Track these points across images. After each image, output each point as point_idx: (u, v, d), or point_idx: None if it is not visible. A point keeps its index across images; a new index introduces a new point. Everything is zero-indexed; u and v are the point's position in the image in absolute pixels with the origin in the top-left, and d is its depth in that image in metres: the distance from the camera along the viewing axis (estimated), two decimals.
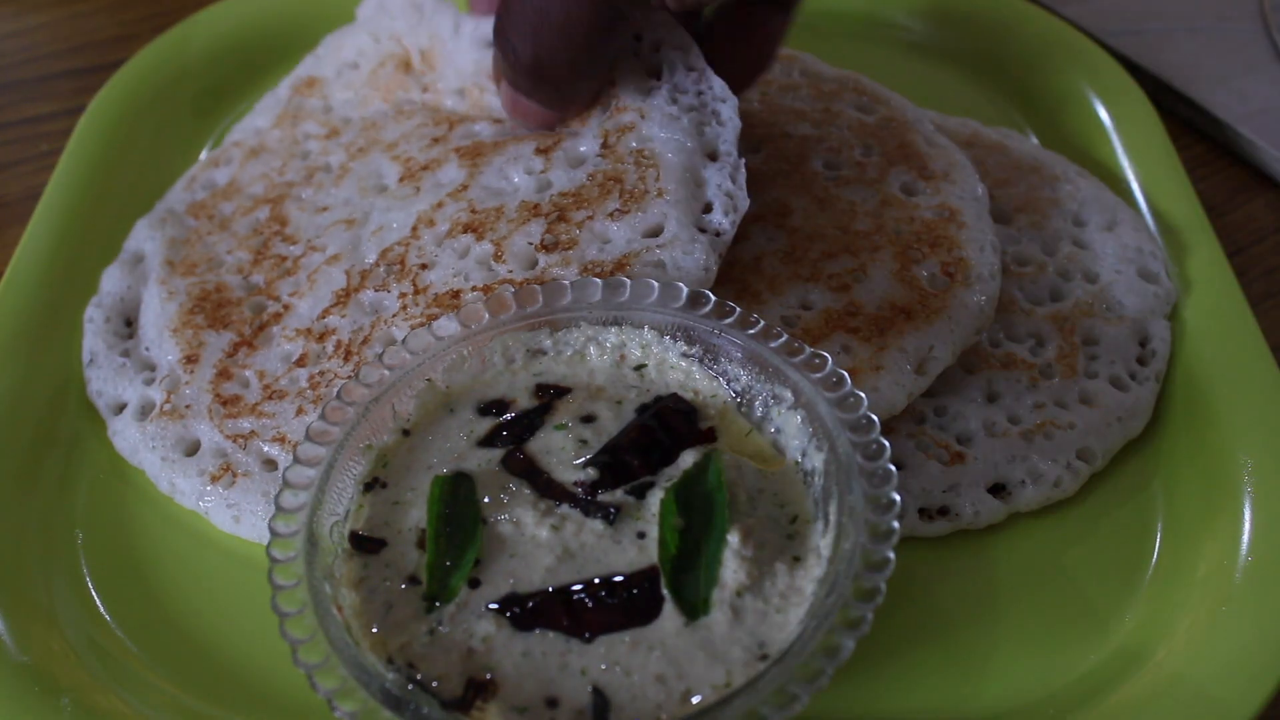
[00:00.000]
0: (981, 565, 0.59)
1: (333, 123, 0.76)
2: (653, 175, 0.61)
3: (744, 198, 0.61)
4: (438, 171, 0.68)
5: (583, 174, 0.63)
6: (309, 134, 0.76)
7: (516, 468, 0.52)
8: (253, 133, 0.78)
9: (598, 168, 0.63)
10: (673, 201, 0.60)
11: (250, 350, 0.64)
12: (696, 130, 0.63)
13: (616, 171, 0.62)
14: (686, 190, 0.61)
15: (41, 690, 0.53)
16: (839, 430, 0.50)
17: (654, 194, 0.61)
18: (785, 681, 0.44)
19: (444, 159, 0.68)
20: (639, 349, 0.56)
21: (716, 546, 0.48)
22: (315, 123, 0.76)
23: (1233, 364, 0.64)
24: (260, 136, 0.77)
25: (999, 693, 0.54)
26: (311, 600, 0.47)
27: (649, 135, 0.63)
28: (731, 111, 0.63)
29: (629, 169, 0.62)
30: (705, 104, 0.64)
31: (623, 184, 0.62)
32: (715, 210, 0.61)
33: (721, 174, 0.62)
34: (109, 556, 0.60)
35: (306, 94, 0.79)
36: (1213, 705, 0.52)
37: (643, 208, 0.60)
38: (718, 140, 0.63)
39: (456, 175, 0.67)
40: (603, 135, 0.64)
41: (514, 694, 0.46)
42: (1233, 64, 0.91)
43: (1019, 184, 0.74)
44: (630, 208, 0.60)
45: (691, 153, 0.62)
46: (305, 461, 0.52)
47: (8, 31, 1.00)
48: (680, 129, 0.62)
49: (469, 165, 0.67)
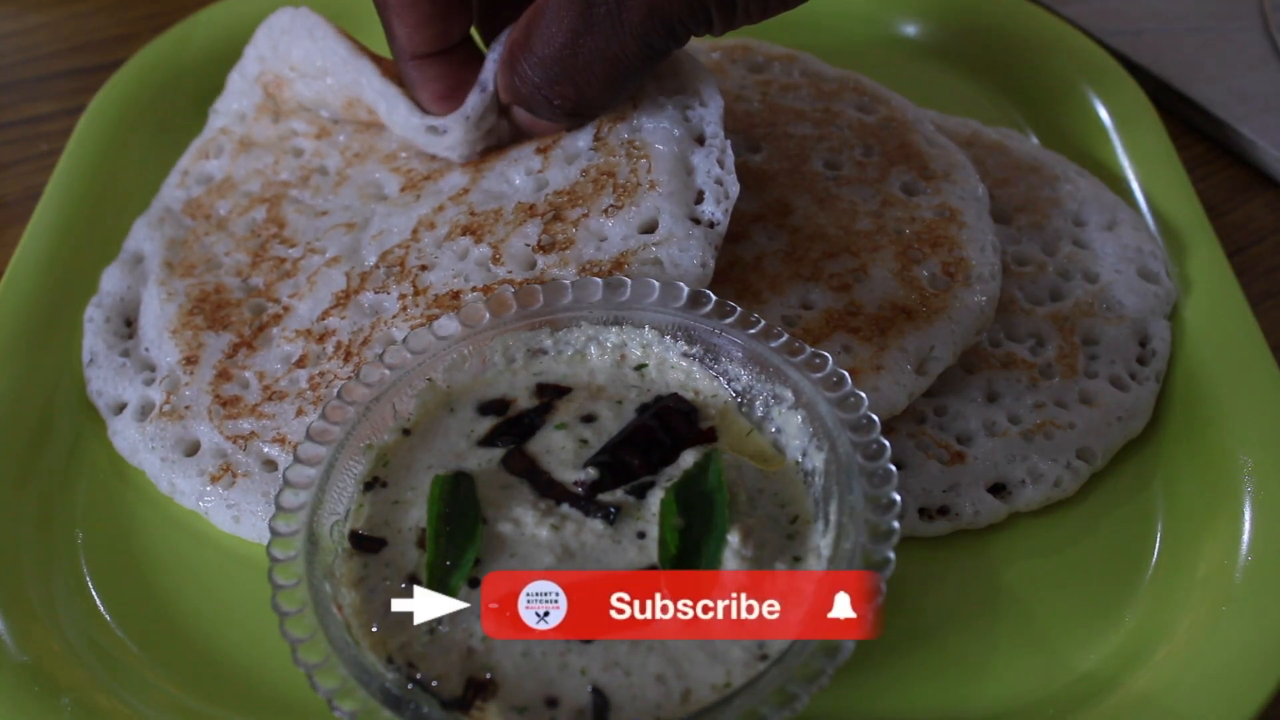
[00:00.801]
0: (981, 565, 0.59)
1: (320, 121, 0.75)
2: (644, 166, 0.61)
3: (733, 183, 0.60)
4: (440, 180, 0.68)
5: (576, 170, 0.63)
6: (296, 131, 0.75)
7: (517, 467, 0.52)
8: (236, 118, 0.77)
9: (591, 162, 0.63)
10: (665, 194, 0.60)
11: (250, 351, 0.64)
12: (681, 115, 0.63)
13: (609, 165, 0.62)
14: (678, 181, 0.61)
15: (41, 690, 0.53)
16: (839, 430, 0.50)
17: (646, 186, 0.60)
18: (785, 681, 0.44)
19: (447, 169, 0.68)
20: (639, 349, 0.57)
21: (716, 546, 0.48)
22: (301, 121, 0.76)
23: (1233, 364, 0.64)
24: (246, 126, 0.76)
25: (999, 693, 0.54)
26: (311, 599, 0.47)
27: (638, 125, 0.63)
28: (712, 90, 0.63)
29: (621, 161, 0.62)
30: (685, 85, 0.64)
31: (615, 178, 0.62)
32: (707, 199, 0.60)
33: (709, 159, 0.62)
34: (109, 556, 0.60)
35: (275, 89, 0.77)
36: (1213, 705, 0.52)
37: (635, 201, 0.60)
38: (703, 123, 0.63)
39: (459, 180, 0.67)
40: (596, 125, 0.64)
41: (514, 693, 0.46)
42: (1233, 64, 0.91)
43: (1019, 184, 0.74)
44: (624, 202, 0.60)
45: (679, 140, 0.62)
46: (305, 461, 0.52)
47: (8, 31, 1.00)
48: (667, 116, 0.62)
49: (472, 170, 0.67)
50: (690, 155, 0.62)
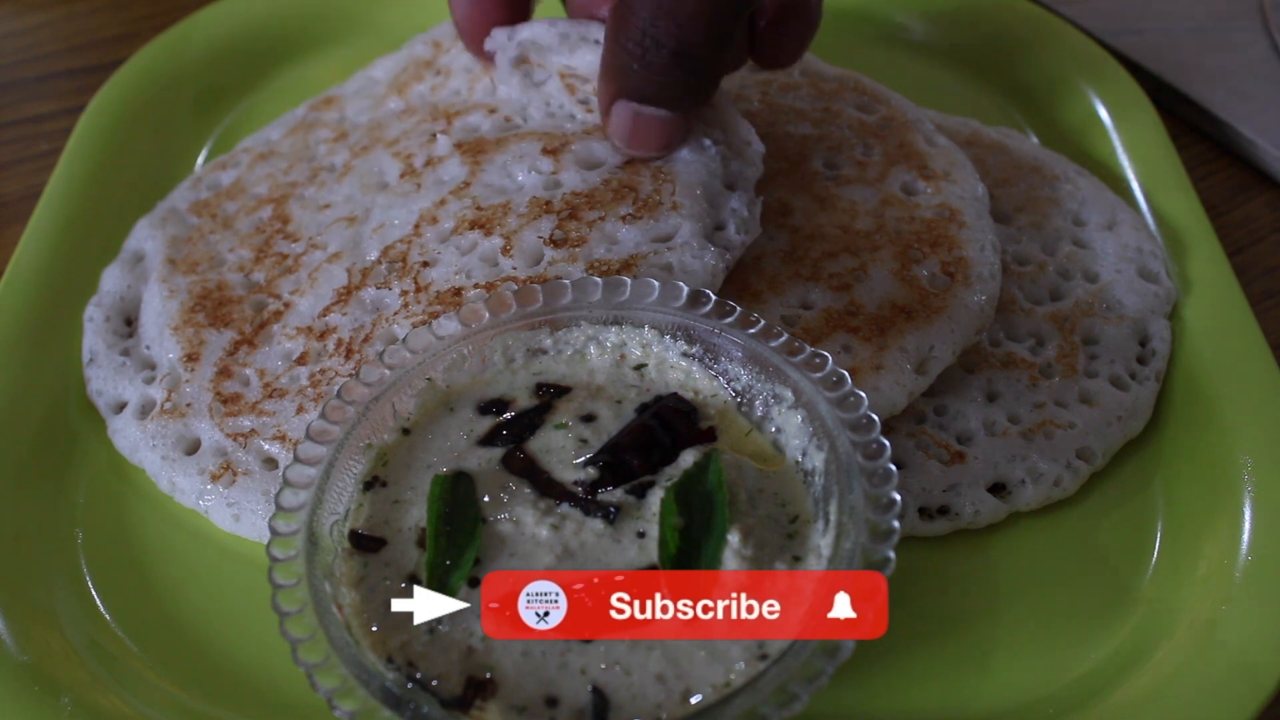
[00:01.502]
0: (981, 565, 0.59)
1: (344, 128, 0.76)
2: (669, 190, 0.61)
3: (757, 226, 0.61)
4: (439, 168, 0.68)
5: (598, 177, 0.63)
6: (320, 140, 0.77)
7: (516, 467, 0.52)
8: (263, 141, 0.79)
9: (613, 175, 0.63)
10: (687, 215, 0.60)
11: (251, 348, 0.64)
12: (722, 162, 0.63)
13: (632, 181, 0.62)
14: (701, 207, 0.61)
15: (41, 690, 0.53)
16: (839, 429, 0.50)
17: (668, 206, 0.61)
18: (785, 681, 0.44)
19: (445, 155, 0.68)
20: (639, 348, 0.57)
21: (716, 546, 0.48)
22: (327, 129, 0.77)
23: (1233, 364, 0.64)
24: (271, 145, 0.78)
25: (999, 693, 0.54)
26: (311, 599, 0.47)
27: (674, 155, 0.63)
28: (757, 155, 0.64)
29: (645, 181, 0.62)
30: (733, 143, 0.64)
31: (637, 192, 0.62)
32: (728, 229, 0.61)
33: (739, 201, 0.62)
34: (109, 555, 0.60)
35: (323, 109, 0.79)
36: (1213, 705, 0.52)
37: (656, 216, 0.60)
38: (739, 176, 0.64)
39: (458, 172, 0.66)
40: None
41: (513, 693, 0.46)
42: (1233, 64, 0.91)
43: (1019, 184, 0.74)
44: (643, 215, 0.60)
45: (712, 175, 0.62)
46: (305, 460, 0.52)
47: (8, 30, 1.00)
48: (707, 156, 0.63)
49: (470, 162, 0.67)
50: (719, 193, 0.62)
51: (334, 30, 0.92)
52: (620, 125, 0.62)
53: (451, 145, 0.69)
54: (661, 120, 0.61)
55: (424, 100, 0.75)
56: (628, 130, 0.61)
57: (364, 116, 0.77)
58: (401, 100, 0.76)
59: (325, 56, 0.91)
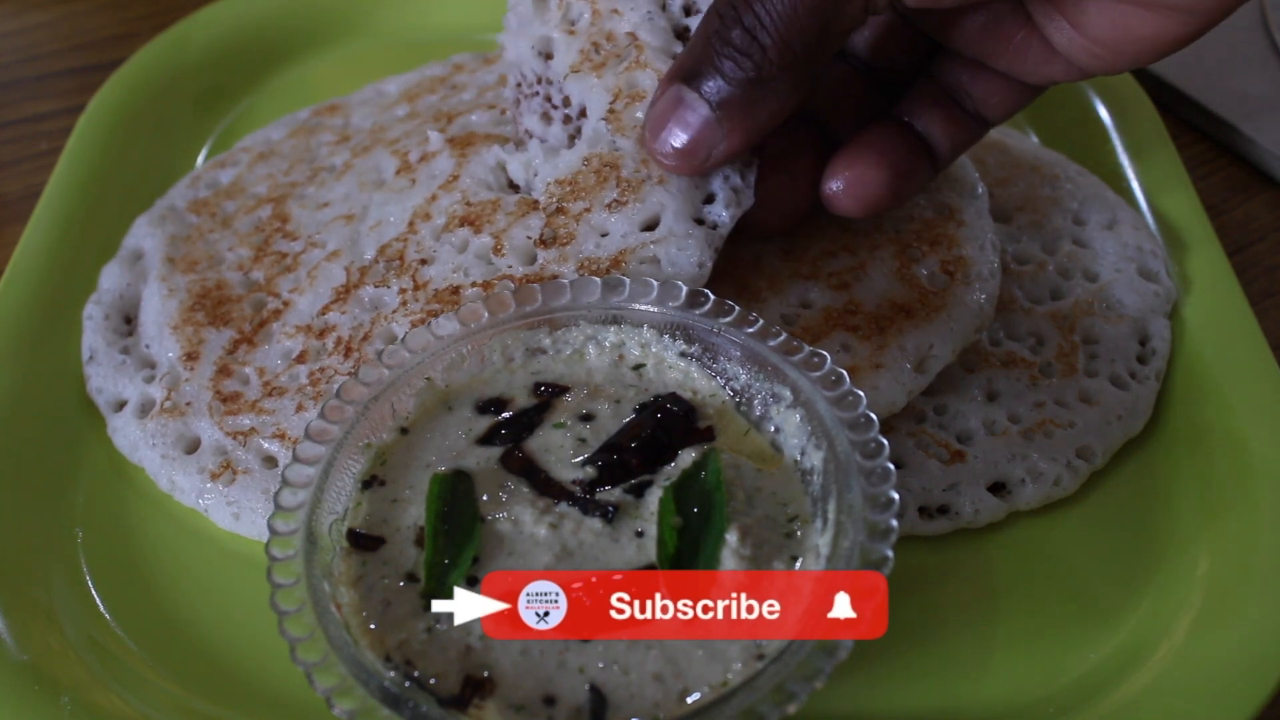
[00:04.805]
0: (981, 564, 0.59)
1: (347, 132, 0.76)
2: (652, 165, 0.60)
3: (749, 195, 0.58)
4: (431, 163, 0.67)
5: (577, 157, 0.61)
6: (322, 142, 0.77)
7: (515, 466, 0.52)
8: (264, 141, 0.79)
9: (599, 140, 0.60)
10: (673, 190, 0.58)
11: (250, 347, 0.64)
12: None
13: (614, 159, 0.60)
14: (685, 180, 0.58)
15: (41, 689, 0.53)
16: (838, 429, 0.50)
17: (654, 180, 0.58)
18: (783, 680, 0.44)
19: (437, 150, 0.68)
20: (638, 348, 0.56)
21: (715, 545, 0.48)
22: (330, 133, 0.77)
23: (1233, 363, 0.64)
24: (271, 145, 0.78)
25: (999, 693, 0.54)
26: (310, 598, 0.47)
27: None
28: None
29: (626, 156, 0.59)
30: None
31: (619, 171, 0.59)
32: (717, 202, 0.58)
33: (730, 166, 0.59)
34: (108, 554, 0.60)
35: (328, 115, 0.79)
36: (1212, 705, 0.52)
37: (640, 197, 0.58)
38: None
39: (447, 165, 0.66)
40: (614, 93, 0.61)
41: (512, 692, 0.46)
42: (1233, 64, 0.91)
43: (1019, 182, 0.74)
44: (628, 198, 0.58)
45: None
46: (304, 460, 0.52)
47: (8, 30, 1.01)
48: None
49: (458, 155, 0.66)
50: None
51: (334, 30, 0.92)
52: (657, 106, 0.56)
53: (443, 140, 0.68)
54: (699, 114, 0.55)
55: (431, 107, 0.75)
56: (661, 108, 0.56)
57: (369, 122, 0.77)
58: (409, 107, 0.76)
59: (325, 57, 0.91)
